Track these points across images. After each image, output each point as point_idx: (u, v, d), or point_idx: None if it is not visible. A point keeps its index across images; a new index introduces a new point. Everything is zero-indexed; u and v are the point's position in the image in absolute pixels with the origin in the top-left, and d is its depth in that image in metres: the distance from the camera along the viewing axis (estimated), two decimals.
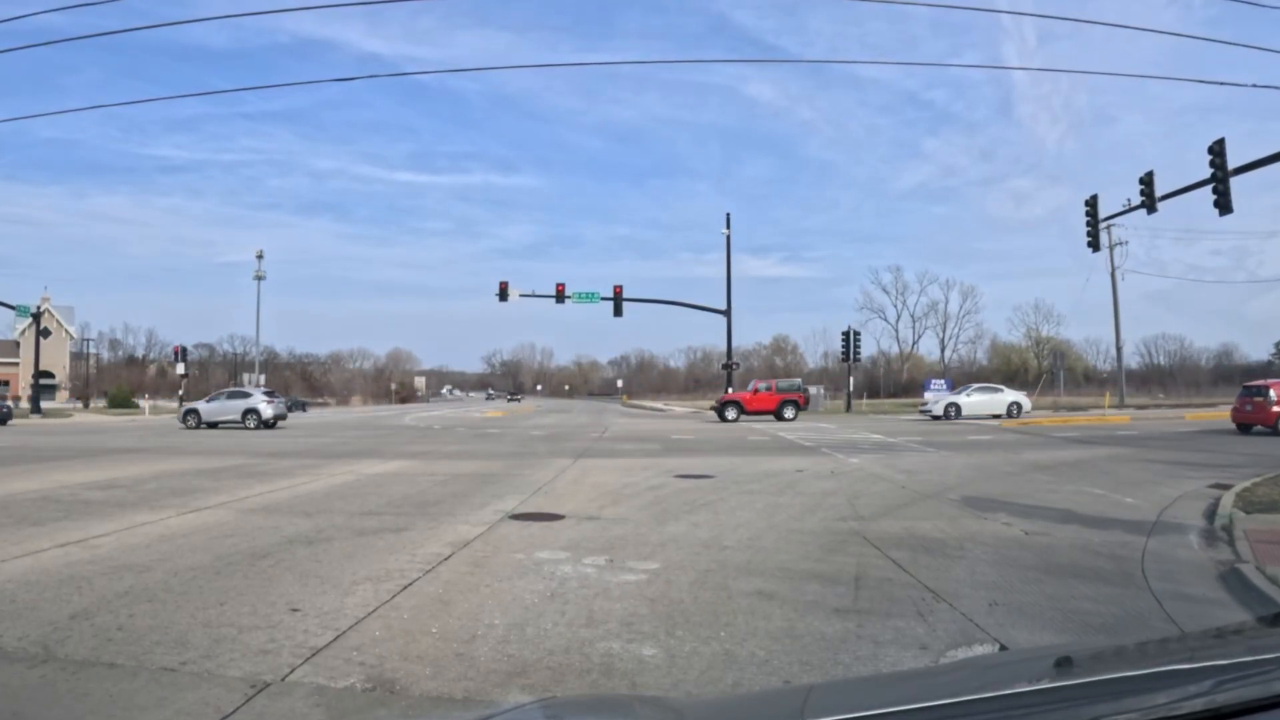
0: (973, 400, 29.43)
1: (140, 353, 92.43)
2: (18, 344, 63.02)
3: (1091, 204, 24.88)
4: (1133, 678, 1.07)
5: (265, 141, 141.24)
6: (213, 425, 26.35)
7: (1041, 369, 62.96)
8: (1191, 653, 1.35)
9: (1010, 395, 30.19)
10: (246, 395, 28.38)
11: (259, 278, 57.71)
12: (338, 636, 3.72)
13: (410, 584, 4.78)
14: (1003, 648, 3.56)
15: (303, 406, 56.32)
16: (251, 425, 26.13)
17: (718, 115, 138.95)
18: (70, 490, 9.54)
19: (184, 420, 27.36)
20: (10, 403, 34.26)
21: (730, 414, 29.56)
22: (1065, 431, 20.57)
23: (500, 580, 4.88)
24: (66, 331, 67.31)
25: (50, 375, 60.71)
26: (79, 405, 59.10)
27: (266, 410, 26.76)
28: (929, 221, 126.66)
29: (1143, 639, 3.44)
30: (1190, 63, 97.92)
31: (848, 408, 40.36)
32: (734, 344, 44.82)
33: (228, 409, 26.96)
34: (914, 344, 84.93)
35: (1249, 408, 19.38)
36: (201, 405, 27.91)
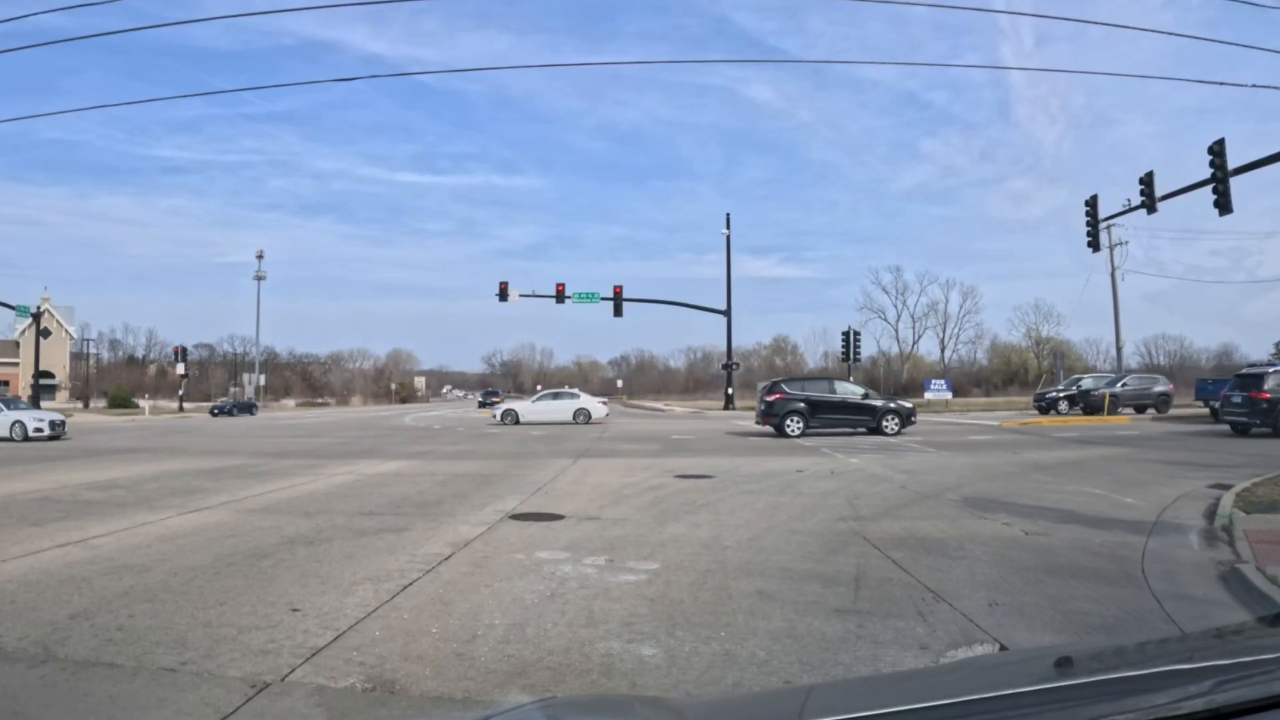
0: (537, 407, 28.61)
1: (140, 353, 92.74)
2: (18, 344, 63.08)
3: (1091, 204, 24.91)
4: (1133, 678, 1.07)
5: (268, 142, 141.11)
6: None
7: (1041, 369, 63.01)
8: (1191, 653, 1.35)
9: (581, 401, 29.45)
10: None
11: (259, 278, 57.81)
12: (338, 636, 3.72)
13: (410, 584, 4.78)
14: (1003, 648, 3.56)
15: (250, 409, 53.82)
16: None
17: (718, 116, 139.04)
18: (70, 490, 9.55)
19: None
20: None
21: None
22: (1065, 431, 20.56)
23: (500, 580, 4.88)
24: (66, 331, 67.37)
25: (50, 375, 60.79)
26: (79, 405, 59.11)
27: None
28: (928, 222, 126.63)
29: (1143, 639, 3.44)
30: (1189, 63, 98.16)
31: None
32: (734, 344, 44.86)
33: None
34: (914, 344, 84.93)
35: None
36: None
